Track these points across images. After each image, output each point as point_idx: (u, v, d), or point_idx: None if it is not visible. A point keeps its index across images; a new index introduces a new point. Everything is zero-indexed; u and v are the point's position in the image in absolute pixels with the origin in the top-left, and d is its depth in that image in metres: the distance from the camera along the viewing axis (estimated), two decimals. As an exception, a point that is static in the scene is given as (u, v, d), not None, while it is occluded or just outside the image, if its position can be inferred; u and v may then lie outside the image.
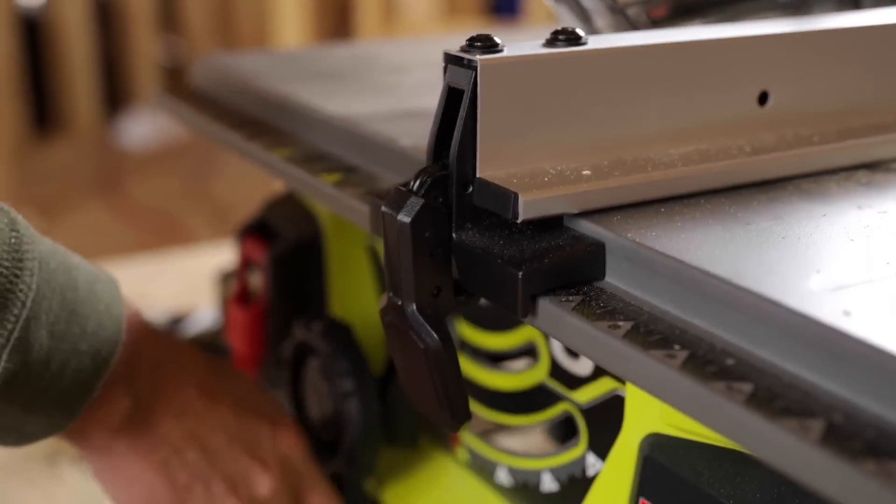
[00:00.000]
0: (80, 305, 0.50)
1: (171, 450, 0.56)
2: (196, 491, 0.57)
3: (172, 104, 0.72)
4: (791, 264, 0.38)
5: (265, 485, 0.59)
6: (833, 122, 0.51)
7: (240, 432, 0.59)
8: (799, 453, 0.31)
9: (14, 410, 0.50)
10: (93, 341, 0.51)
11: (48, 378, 0.49)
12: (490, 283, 0.42)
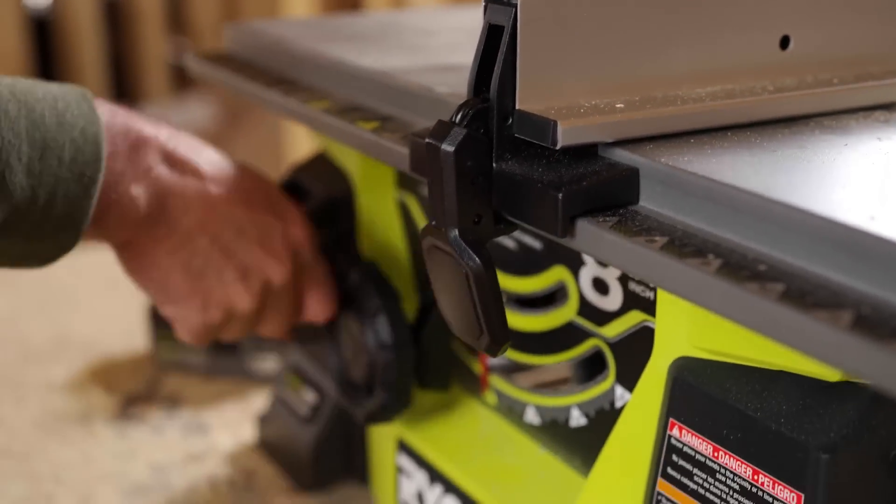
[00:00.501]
0: (51, 140, 0.53)
1: (184, 237, 0.60)
2: (208, 275, 0.62)
3: (207, 68, 0.74)
4: (817, 181, 0.41)
5: (277, 273, 0.63)
6: (851, 68, 0.53)
7: (252, 225, 0.63)
8: (831, 339, 0.34)
9: (21, 243, 0.54)
10: (72, 167, 0.54)
11: (40, 211, 0.53)
12: (530, 208, 0.44)
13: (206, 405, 0.90)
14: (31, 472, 0.81)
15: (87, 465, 0.82)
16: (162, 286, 0.62)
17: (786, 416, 0.44)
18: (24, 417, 0.89)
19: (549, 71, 0.46)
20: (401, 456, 0.68)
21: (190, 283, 0.62)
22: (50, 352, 1.00)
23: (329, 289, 0.67)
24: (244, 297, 0.63)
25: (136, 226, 0.59)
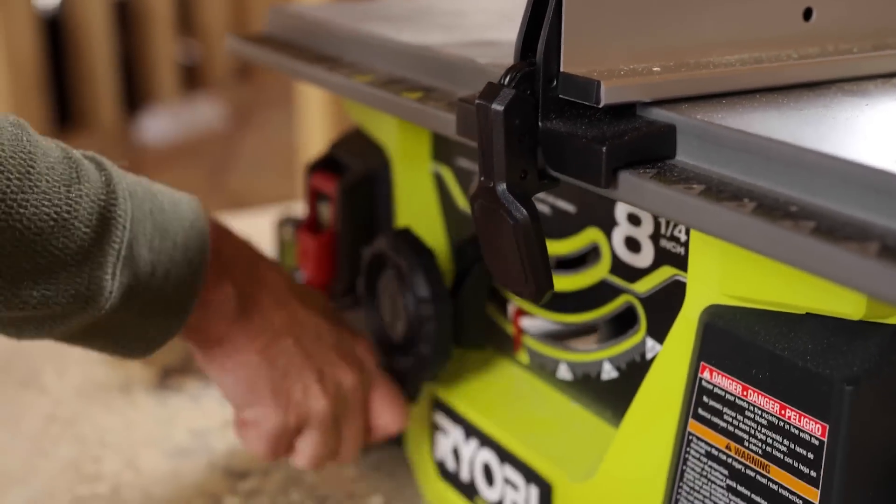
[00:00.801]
0: (169, 223, 0.58)
1: (273, 335, 0.64)
2: (291, 375, 0.64)
3: (251, 49, 0.78)
4: (842, 133, 0.44)
5: (348, 379, 0.66)
6: (869, 39, 0.57)
7: (327, 332, 0.66)
8: (859, 267, 0.37)
9: (134, 319, 0.58)
10: (184, 252, 0.59)
11: (156, 287, 0.58)
12: (575, 162, 0.48)
13: (240, 377, 0.94)
14: (78, 435, 0.84)
15: (130, 430, 0.85)
16: (249, 385, 0.65)
17: (811, 354, 0.47)
18: (67, 387, 0.92)
19: (592, 36, 0.49)
20: (437, 414, 0.72)
21: (274, 382, 0.65)
22: (87, 328, 1.04)
23: (399, 398, 0.69)
24: (321, 399, 0.66)
25: (232, 321, 0.63)
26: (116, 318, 0.57)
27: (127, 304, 0.56)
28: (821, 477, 0.47)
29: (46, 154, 0.52)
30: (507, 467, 0.66)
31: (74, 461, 0.81)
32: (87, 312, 0.55)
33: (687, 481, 0.54)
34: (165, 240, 0.58)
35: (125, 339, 0.59)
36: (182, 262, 0.59)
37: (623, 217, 0.59)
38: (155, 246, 0.57)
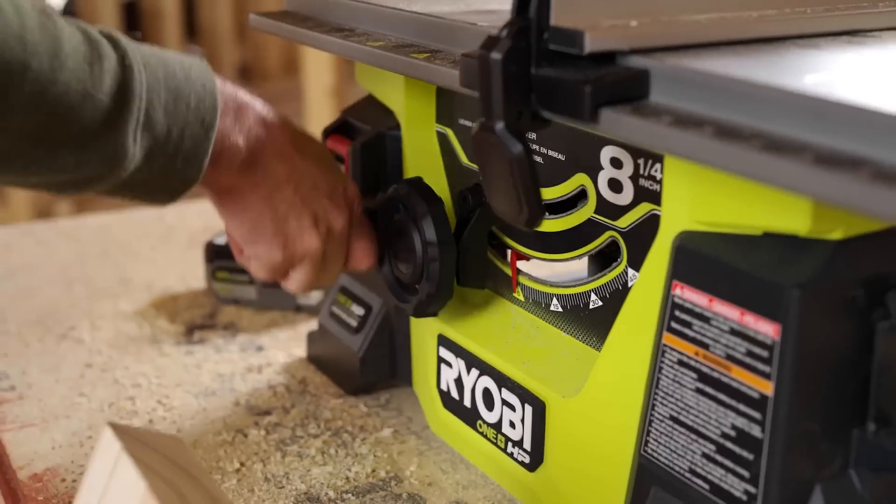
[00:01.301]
0: (181, 88, 0.66)
1: (275, 185, 0.72)
2: (290, 220, 0.73)
3: (269, 24, 0.85)
4: (788, 74, 0.52)
5: (338, 222, 0.75)
6: (823, 2, 0.65)
7: (323, 181, 0.75)
8: (799, 172, 0.45)
9: (157, 175, 0.66)
10: (196, 112, 0.66)
11: (173, 146, 0.66)
12: (563, 101, 0.55)
13: (259, 331, 1.02)
14: (113, 380, 0.92)
15: (160, 376, 0.93)
16: (253, 227, 0.74)
17: (766, 266, 0.55)
18: (100, 340, 1.00)
19: (577, -4, 0.57)
20: (441, 349, 0.79)
21: (275, 224, 0.73)
22: (116, 289, 1.12)
23: (372, 242, 0.78)
24: (315, 239, 0.74)
25: (239, 172, 0.71)
26: (141, 176, 0.65)
27: (149, 163, 0.65)
28: (774, 372, 0.55)
29: (70, 37, 0.60)
30: (505, 391, 0.73)
31: (111, 401, 0.88)
32: (116, 173, 0.64)
33: (662, 388, 0.61)
34: (178, 103, 0.65)
35: (152, 192, 0.68)
36: (195, 122, 0.66)
37: (607, 161, 0.67)
38: (170, 109, 0.65)
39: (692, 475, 0.60)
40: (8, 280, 1.14)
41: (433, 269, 0.74)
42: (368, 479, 0.78)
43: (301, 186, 0.73)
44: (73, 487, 0.76)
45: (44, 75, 0.58)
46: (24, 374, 0.93)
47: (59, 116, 0.59)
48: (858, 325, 0.55)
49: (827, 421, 0.56)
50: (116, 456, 0.54)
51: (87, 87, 0.60)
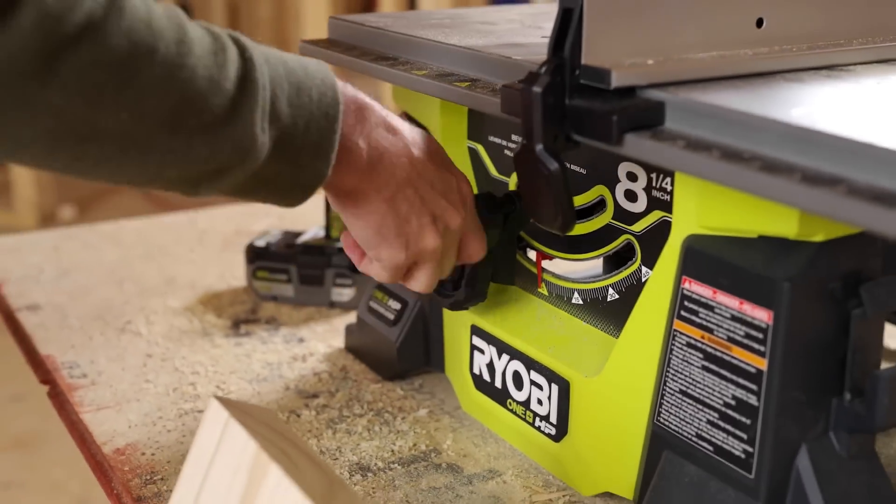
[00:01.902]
0: (302, 82, 0.69)
1: (397, 187, 0.75)
2: (411, 221, 0.77)
3: (317, 51, 0.97)
4: (779, 105, 0.64)
5: (455, 220, 0.79)
6: (806, 41, 0.77)
7: (439, 180, 0.78)
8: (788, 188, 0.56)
9: (287, 168, 0.69)
10: (320, 105, 0.69)
11: (300, 137, 0.68)
12: (593, 128, 0.67)
13: (298, 325, 1.13)
14: (174, 368, 1.03)
15: (215, 364, 1.04)
16: (378, 229, 0.76)
17: (761, 263, 0.67)
18: (156, 333, 1.11)
19: (604, 40, 0.68)
20: (474, 338, 0.91)
21: (398, 226, 0.76)
22: (163, 288, 1.22)
23: (483, 236, 0.82)
24: (435, 238, 0.77)
25: (362, 173, 0.73)
26: (272, 168, 0.68)
27: (279, 154, 0.67)
28: (767, 351, 0.66)
29: (194, 28, 0.62)
30: (534, 373, 0.85)
31: (175, 386, 0.99)
32: (248, 164, 0.66)
33: (672, 366, 0.73)
34: (301, 96, 0.68)
35: (284, 188, 0.70)
36: (319, 115, 0.68)
37: (623, 175, 0.78)
38: (294, 101, 0.67)
39: (699, 439, 0.72)
40: (63, 279, 1.25)
41: (471, 274, 0.85)
42: (411, 452, 0.89)
43: (420, 187, 0.76)
44: (153, 460, 0.87)
45: (171, 59, 0.60)
46: (93, 363, 1.04)
47: (188, 101, 0.61)
48: (836, 313, 0.67)
49: (811, 391, 0.67)
50: (224, 423, 0.65)
51: (213, 74, 0.62)
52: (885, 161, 0.54)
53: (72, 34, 0.56)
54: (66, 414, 0.96)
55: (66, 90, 0.57)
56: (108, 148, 0.61)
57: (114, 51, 0.58)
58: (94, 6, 0.57)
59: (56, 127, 0.58)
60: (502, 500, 0.83)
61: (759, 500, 0.68)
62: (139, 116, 0.60)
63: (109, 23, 0.58)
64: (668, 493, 0.73)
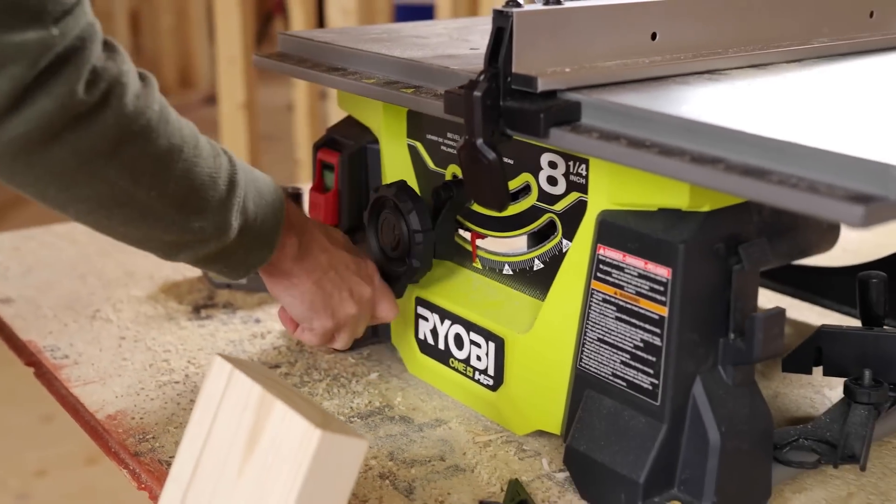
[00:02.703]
0: (262, 188, 0.90)
1: (321, 271, 0.97)
2: (334, 296, 0.97)
3: (273, 64, 1.10)
4: (671, 102, 0.80)
5: (366, 291, 0.99)
6: (691, 51, 0.93)
7: (351, 262, 0.99)
8: (679, 167, 0.73)
9: (242, 250, 0.90)
10: (271, 207, 0.90)
11: (256, 229, 0.89)
12: (524, 124, 0.82)
13: (254, 308, 1.26)
14: (146, 348, 1.15)
15: (184, 343, 1.16)
16: (310, 305, 0.97)
17: (661, 230, 0.83)
18: (125, 319, 1.23)
19: (529, 52, 0.84)
20: (419, 308, 1.05)
21: (324, 301, 0.97)
22: (124, 280, 1.34)
23: (391, 296, 1.02)
24: (353, 307, 0.98)
25: (295, 261, 0.94)
26: (232, 247, 0.88)
27: (240, 238, 0.88)
28: (667, 301, 0.82)
29: (201, 136, 0.84)
30: (473, 334, 1.00)
31: (150, 362, 1.12)
32: (220, 241, 0.86)
33: (591, 319, 0.89)
34: (261, 198, 0.89)
35: (234, 265, 0.90)
36: (270, 214, 0.90)
37: (545, 163, 0.94)
38: (256, 201, 0.89)
39: (614, 377, 0.87)
40: (29, 275, 1.36)
41: (417, 249, 1.00)
42: (367, 408, 1.03)
43: (339, 269, 0.97)
44: (142, 423, 0.99)
45: (190, 158, 0.81)
46: (72, 346, 1.15)
47: (195, 190, 0.82)
48: (721, 268, 0.83)
49: (703, 332, 0.84)
50: (229, 373, 0.78)
51: (212, 173, 0.83)
52: (753, 144, 0.71)
53: (136, 131, 0.77)
54: (55, 389, 1.07)
55: (122, 169, 0.78)
56: (134, 213, 0.81)
57: (159, 147, 0.79)
58: (152, 113, 0.79)
59: (106, 193, 0.79)
60: (449, 443, 0.97)
61: (664, 422, 0.84)
62: (162, 195, 0.81)
63: (160, 126, 0.79)
64: (591, 424, 0.89)
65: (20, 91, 0.71)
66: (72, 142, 0.74)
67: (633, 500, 0.84)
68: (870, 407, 0.92)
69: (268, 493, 0.72)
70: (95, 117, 0.75)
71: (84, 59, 0.74)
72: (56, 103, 0.73)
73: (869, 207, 0.63)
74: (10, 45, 0.70)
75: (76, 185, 0.78)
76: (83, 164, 0.76)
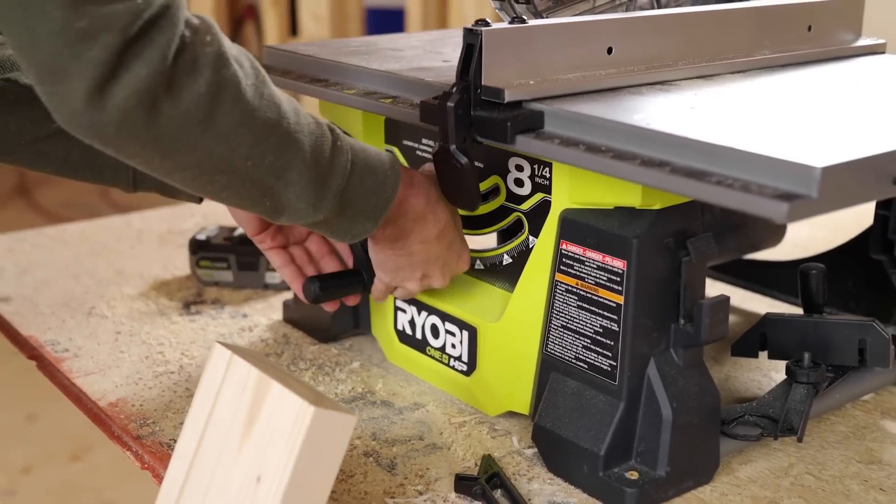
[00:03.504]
0: (372, 164, 0.92)
1: (408, 258, 1.02)
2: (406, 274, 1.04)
3: (258, 73, 1.18)
4: (625, 111, 0.89)
5: (437, 282, 1.05)
6: (644, 63, 1.02)
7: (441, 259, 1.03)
8: (632, 170, 0.82)
9: (344, 222, 0.92)
10: (380, 182, 0.93)
11: (360, 204, 0.92)
12: (493, 131, 0.91)
13: (240, 304, 1.34)
14: (142, 341, 1.23)
15: (177, 337, 1.24)
16: (392, 271, 1.03)
17: (617, 226, 0.92)
18: (119, 315, 1.30)
19: (497, 66, 0.93)
20: (397, 301, 1.14)
21: (399, 272, 1.03)
22: (116, 279, 1.42)
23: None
24: (416, 287, 1.05)
25: (389, 245, 1.00)
26: (332, 219, 0.91)
27: (340, 213, 0.91)
28: (623, 290, 0.91)
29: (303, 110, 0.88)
30: (448, 324, 1.08)
31: (146, 354, 1.20)
32: (317, 215, 0.90)
33: (555, 308, 0.98)
34: (372, 175, 0.91)
35: (340, 231, 0.93)
36: (379, 191, 0.93)
37: (513, 167, 1.03)
38: (363, 178, 0.91)
39: (576, 360, 0.96)
40: (24, 276, 1.43)
41: None
42: (351, 394, 1.12)
43: (427, 260, 1.02)
44: (142, 409, 1.07)
45: (287, 132, 0.84)
46: (71, 340, 1.23)
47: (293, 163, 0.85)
48: (671, 261, 0.92)
49: (656, 318, 0.93)
50: (228, 359, 0.86)
51: (313, 149, 0.86)
52: (696, 149, 0.80)
53: (228, 99, 0.80)
54: (58, 380, 1.15)
55: (218, 138, 0.80)
56: (235, 180, 0.84)
57: (255, 118, 0.82)
58: (245, 84, 0.81)
59: (205, 161, 0.81)
60: (427, 424, 1.06)
61: (622, 400, 0.93)
62: (258, 165, 0.84)
63: (255, 98, 0.82)
64: (556, 403, 0.98)
65: (115, 58, 0.74)
66: (167, 109, 0.77)
67: (594, 471, 0.93)
68: (809, 386, 1.02)
69: (266, 465, 0.81)
70: (188, 84, 0.77)
71: (172, 24, 0.76)
72: (150, 69, 0.75)
73: (793, 205, 0.72)
74: (100, 16, 0.73)
75: (177, 153, 0.80)
76: (180, 131, 0.78)
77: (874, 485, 0.96)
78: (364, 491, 0.95)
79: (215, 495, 0.83)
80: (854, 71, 1.13)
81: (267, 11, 3.25)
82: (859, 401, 1.12)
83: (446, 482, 0.96)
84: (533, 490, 0.95)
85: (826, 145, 0.81)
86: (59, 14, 0.72)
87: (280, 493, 0.78)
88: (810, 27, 1.16)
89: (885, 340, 1.03)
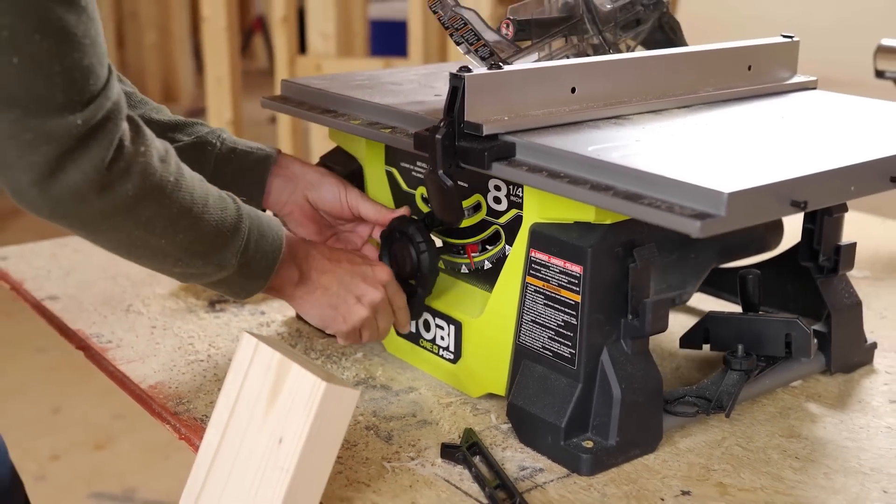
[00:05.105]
0: (263, 230, 1.12)
1: (323, 289, 1.19)
2: (340, 306, 1.20)
3: (279, 106, 1.37)
4: (585, 143, 1.08)
5: (376, 294, 1.22)
6: (603, 100, 1.22)
7: (355, 272, 1.22)
8: (588, 194, 1.01)
9: (241, 280, 1.12)
10: (270, 244, 1.12)
11: (255, 263, 1.11)
12: (473, 158, 1.10)
13: (259, 303, 1.53)
14: (174, 334, 1.42)
15: (204, 331, 1.43)
16: (318, 316, 1.19)
17: (576, 237, 1.11)
18: (154, 312, 1.50)
19: (477, 105, 1.12)
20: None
21: (331, 311, 1.18)
22: (149, 280, 1.61)
23: (406, 309, 1.24)
24: (363, 310, 1.19)
25: (296, 286, 1.17)
26: (232, 278, 1.10)
27: (239, 271, 1.09)
28: (581, 290, 1.10)
29: (211, 187, 1.07)
30: (438, 319, 1.28)
31: (178, 346, 1.39)
32: (220, 274, 1.09)
33: (526, 306, 1.17)
34: (263, 239, 1.10)
35: (235, 289, 1.13)
36: (269, 252, 1.11)
37: (492, 187, 1.22)
38: (258, 242, 1.09)
39: (543, 349, 1.15)
40: (68, 277, 1.62)
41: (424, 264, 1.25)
42: (355, 379, 1.31)
43: (343, 283, 1.18)
44: (178, 391, 1.26)
45: (197, 215, 1.02)
46: (113, 333, 1.42)
47: (200, 239, 1.04)
48: (621, 266, 1.11)
49: (608, 314, 1.12)
50: (255, 346, 1.06)
51: (217, 224, 1.04)
52: (634, 176, 0.99)
53: (152, 197, 0.98)
54: (104, 367, 1.34)
55: (138, 224, 0.98)
56: (148, 253, 1.04)
57: (171, 209, 1.00)
58: (167, 182, 0.98)
59: (124, 240, 1.00)
60: (419, 404, 1.25)
61: (579, 381, 1.12)
62: (171, 243, 1.02)
63: (174, 192, 1.00)
64: (526, 385, 1.17)
65: (53, 163, 0.89)
66: (97, 205, 0.94)
67: (556, 440, 1.12)
68: (741, 373, 1.21)
69: (286, 430, 1.00)
70: (119, 188, 0.93)
71: (108, 139, 0.92)
72: (84, 175, 0.91)
73: (704, 222, 0.91)
74: (41, 132, 0.88)
75: (101, 234, 0.99)
76: (104, 220, 0.96)
77: (791, 454, 1.15)
78: (366, 457, 1.14)
79: (245, 455, 1.02)
80: (783, 106, 1.32)
81: (277, 29, 3.45)
82: (789, 386, 1.31)
83: (434, 450, 1.15)
84: (506, 457, 1.14)
85: (737, 173, 1.00)
86: (8, 126, 0.89)
87: (298, 452, 0.98)
88: (750, 66, 1.35)
89: (807, 335, 1.22)
